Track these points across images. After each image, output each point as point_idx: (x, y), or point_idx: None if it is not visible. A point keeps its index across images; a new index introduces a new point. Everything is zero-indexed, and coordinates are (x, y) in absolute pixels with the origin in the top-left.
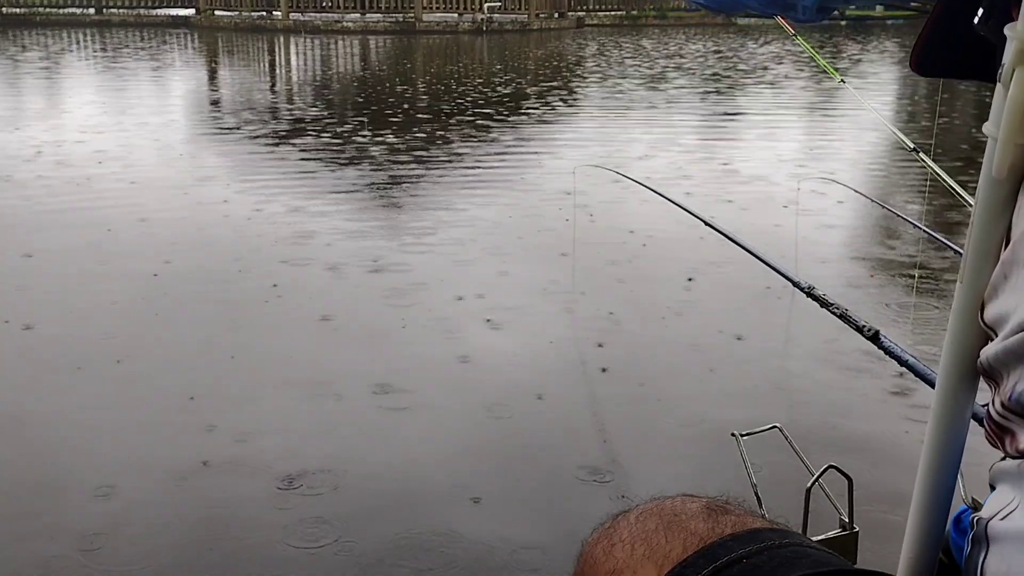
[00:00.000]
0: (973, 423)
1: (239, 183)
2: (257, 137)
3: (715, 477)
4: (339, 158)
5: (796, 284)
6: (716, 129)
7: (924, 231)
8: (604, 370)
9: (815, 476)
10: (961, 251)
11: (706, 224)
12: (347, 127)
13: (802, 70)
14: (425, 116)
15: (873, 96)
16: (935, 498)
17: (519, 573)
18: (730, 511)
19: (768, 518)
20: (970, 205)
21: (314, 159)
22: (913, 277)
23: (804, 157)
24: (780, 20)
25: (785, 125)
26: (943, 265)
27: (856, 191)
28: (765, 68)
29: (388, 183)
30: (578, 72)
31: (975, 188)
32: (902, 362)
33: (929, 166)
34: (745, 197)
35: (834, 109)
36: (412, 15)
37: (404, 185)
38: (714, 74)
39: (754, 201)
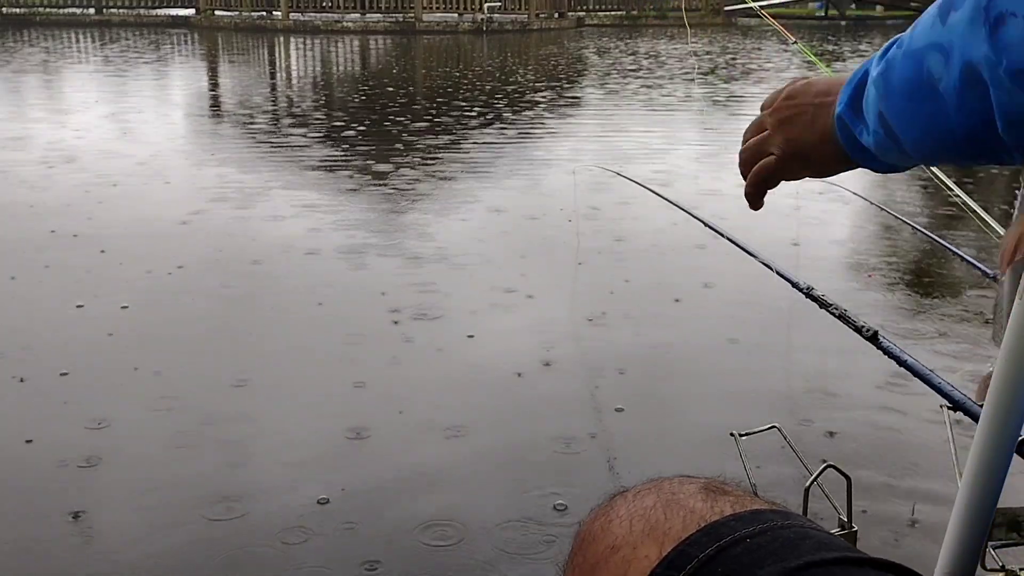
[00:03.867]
0: None
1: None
2: (265, 141)
3: None
4: (343, 159)
5: (795, 285)
6: (716, 130)
7: (923, 232)
8: None
9: (813, 476)
10: (958, 252)
11: (705, 225)
12: (352, 130)
13: (801, 71)
14: (428, 117)
15: None
16: (977, 511)
17: None
18: (728, 492)
19: (767, 499)
20: (966, 205)
21: (322, 161)
22: (912, 278)
23: None
24: (779, 25)
25: None
26: (942, 266)
27: (855, 193)
28: (766, 70)
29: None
30: (578, 72)
31: (970, 188)
32: (901, 362)
33: (928, 168)
34: (742, 198)
35: None
36: (412, 15)
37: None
38: (717, 76)
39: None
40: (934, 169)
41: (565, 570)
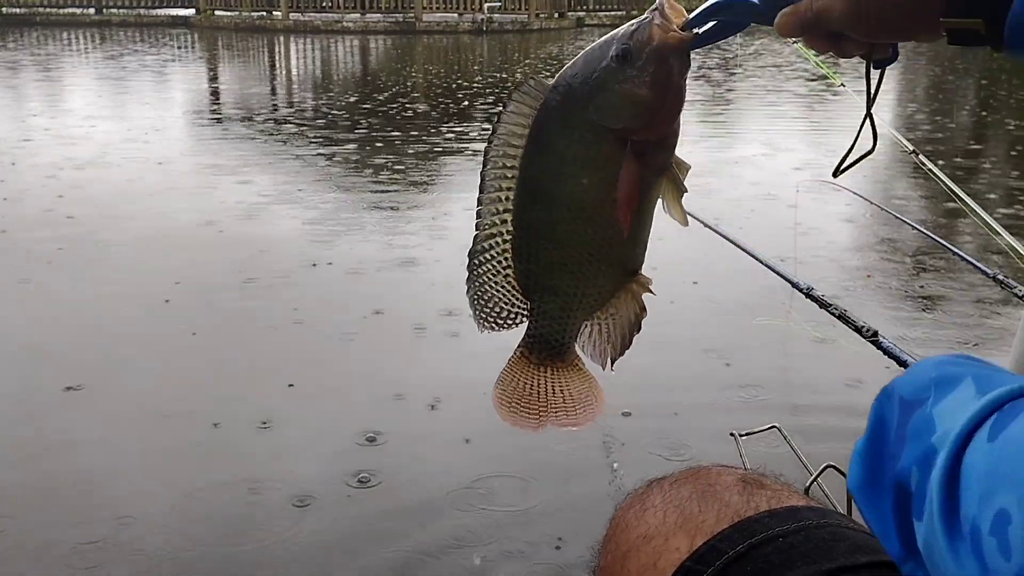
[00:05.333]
0: None
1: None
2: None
3: None
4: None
5: (795, 285)
6: (714, 130)
7: (922, 232)
8: None
9: (814, 476)
10: (958, 252)
11: (704, 224)
12: (354, 131)
13: (802, 72)
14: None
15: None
16: None
17: None
18: (766, 485)
19: (806, 494)
20: (966, 205)
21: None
22: (911, 278)
23: (803, 159)
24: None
25: (784, 127)
26: (941, 266)
27: (854, 192)
28: (764, 69)
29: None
30: None
31: (971, 189)
32: (901, 362)
33: (927, 168)
34: (742, 198)
35: (833, 112)
36: (412, 15)
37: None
38: (716, 75)
39: (752, 203)
40: (933, 167)
41: (599, 554)
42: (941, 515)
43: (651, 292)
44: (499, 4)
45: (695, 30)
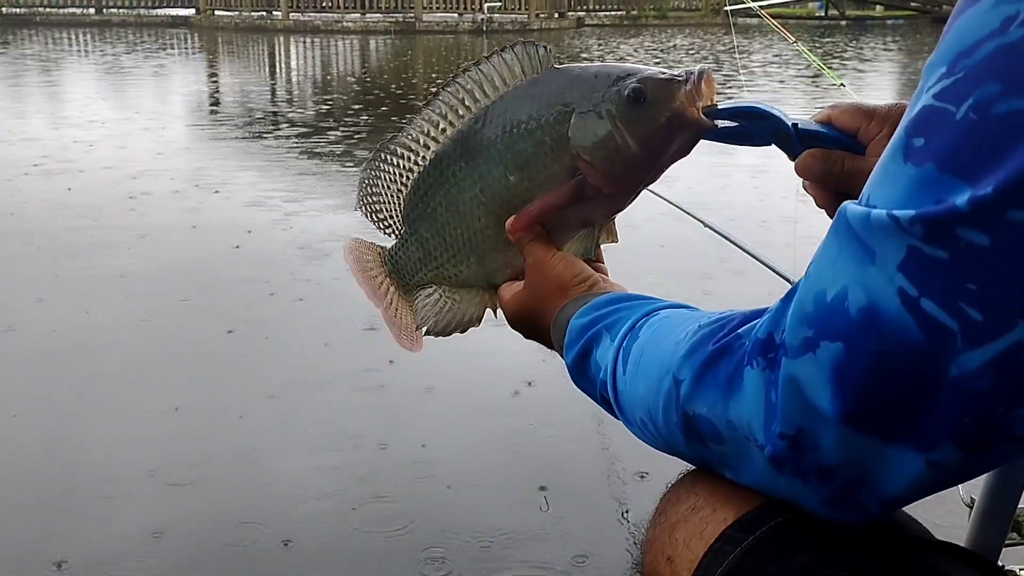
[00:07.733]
0: None
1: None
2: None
3: None
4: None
5: (795, 285)
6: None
7: None
8: None
9: None
10: None
11: (704, 225)
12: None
13: (803, 72)
14: None
15: (873, 98)
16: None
17: None
18: None
19: None
20: None
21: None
22: None
23: None
24: (778, 26)
25: None
26: None
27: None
28: (764, 69)
29: None
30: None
31: None
32: None
33: None
34: (742, 198)
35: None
36: (412, 15)
37: None
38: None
39: (751, 202)
40: None
41: (649, 528)
42: (624, 423)
43: (495, 315)
44: (499, 4)
45: (719, 122)
